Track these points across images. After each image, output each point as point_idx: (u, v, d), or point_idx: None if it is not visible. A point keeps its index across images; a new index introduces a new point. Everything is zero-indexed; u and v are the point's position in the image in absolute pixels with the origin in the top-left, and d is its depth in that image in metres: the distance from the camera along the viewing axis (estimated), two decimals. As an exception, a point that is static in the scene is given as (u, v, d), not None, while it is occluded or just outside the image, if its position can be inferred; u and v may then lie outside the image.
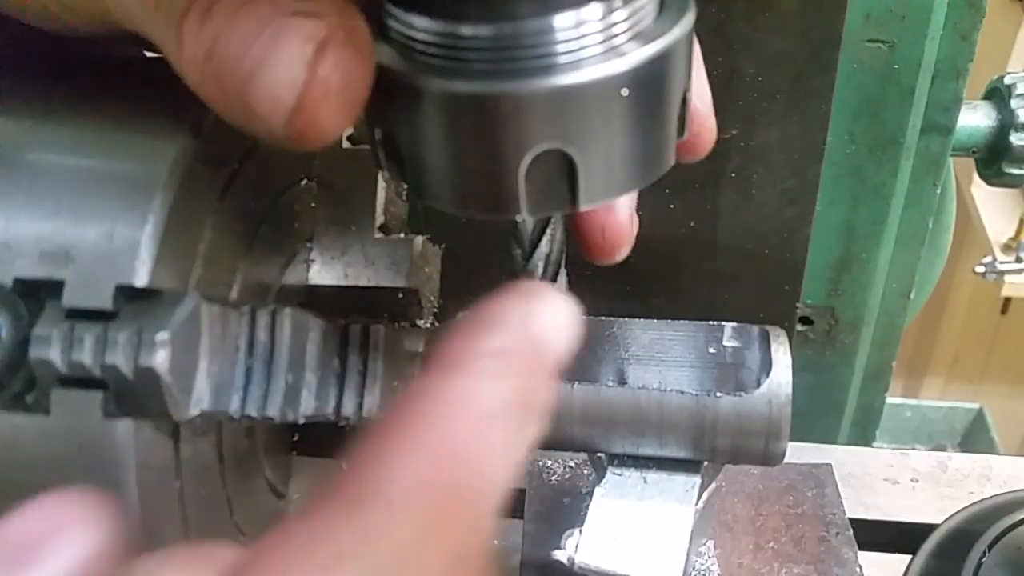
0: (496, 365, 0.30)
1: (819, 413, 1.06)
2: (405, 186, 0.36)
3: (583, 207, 0.33)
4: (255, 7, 0.31)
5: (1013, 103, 0.99)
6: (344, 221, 0.49)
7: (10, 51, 0.39)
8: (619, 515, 0.45)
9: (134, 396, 0.33)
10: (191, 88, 0.33)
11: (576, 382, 0.45)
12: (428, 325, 0.50)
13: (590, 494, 0.46)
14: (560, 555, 0.44)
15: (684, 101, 0.35)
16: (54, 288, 0.33)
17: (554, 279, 0.44)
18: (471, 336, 0.31)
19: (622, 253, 0.46)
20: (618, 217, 0.45)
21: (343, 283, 0.49)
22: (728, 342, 0.47)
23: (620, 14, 0.31)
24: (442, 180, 0.34)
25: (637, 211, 0.47)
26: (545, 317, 0.32)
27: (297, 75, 0.30)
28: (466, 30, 0.30)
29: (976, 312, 2.68)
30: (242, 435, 0.43)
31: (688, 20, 0.33)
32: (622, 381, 0.47)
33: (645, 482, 0.46)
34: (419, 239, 0.49)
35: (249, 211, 0.42)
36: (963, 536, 0.65)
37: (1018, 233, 2.32)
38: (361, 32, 0.32)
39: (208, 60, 0.32)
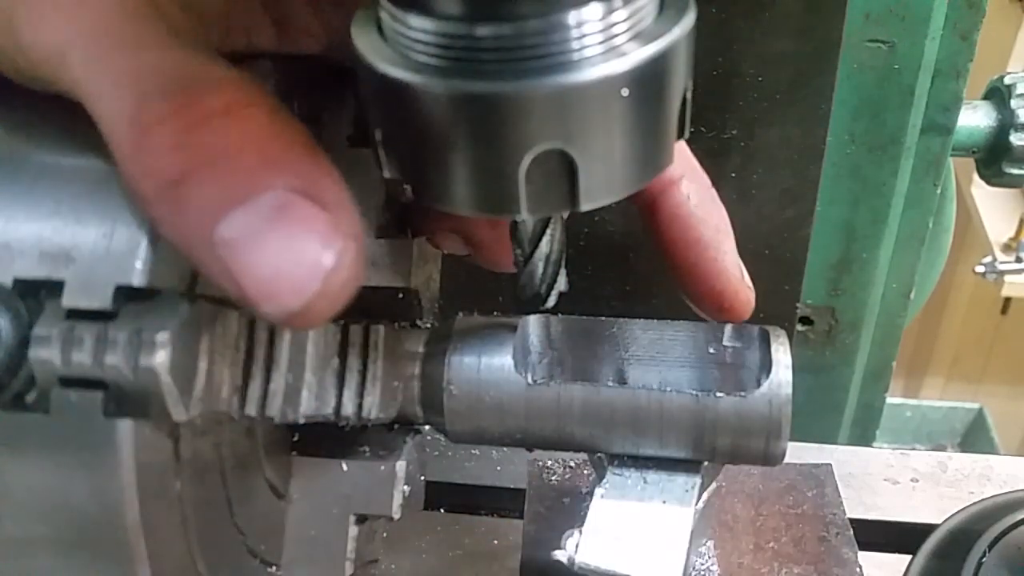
0: None
1: (819, 413, 1.06)
2: (405, 186, 0.36)
3: (583, 207, 0.33)
4: (241, 159, 0.29)
5: (1013, 103, 0.99)
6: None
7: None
8: (619, 515, 0.45)
9: (134, 396, 0.33)
10: (131, 193, 0.31)
11: (576, 382, 0.45)
12: (428, 325, 0.50)
13: (590, 494, 0.46)
14: (560, 555, 0.43)
15: (684, 101, 0.35)
16: (54, 288, 0.33)
17: (554, 279, 0.44)
18: None
19: (746, 311, 0.47)
20: (730, 277, 0.46)
21: (343, 283, 0.49)
22: (728, 342, 0.47)
23: (620, 14, 0.31)
24: (442, 180, 0.34)
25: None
26: None
27: (311, 283, 0.29)
28: (466, 30, 0.30)
29: (976, 312, 2.68)
30: (242, 435, 0.43)
31: (688, 20, 0.33)
32: (622, 381, 0.47)
33: (645, 482, 0.46)
34: (419, 239, 0.49)
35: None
36: (963, 536, 0.65)
37: (1018, 233, 2.32)
38: (359, 228, 0.31)
39: (173, 188, 0.29)
